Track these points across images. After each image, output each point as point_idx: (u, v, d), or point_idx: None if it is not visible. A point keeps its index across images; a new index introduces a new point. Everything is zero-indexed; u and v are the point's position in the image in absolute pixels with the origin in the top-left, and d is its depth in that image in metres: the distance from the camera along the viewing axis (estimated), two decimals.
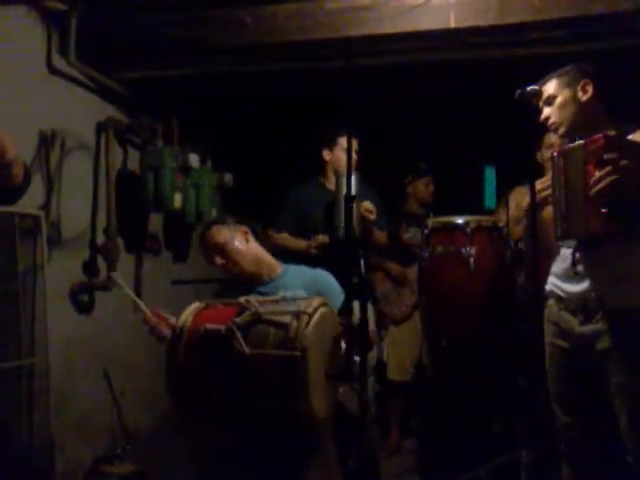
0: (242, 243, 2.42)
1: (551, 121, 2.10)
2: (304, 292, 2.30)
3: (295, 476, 2.00)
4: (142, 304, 2.26)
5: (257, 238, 2.57)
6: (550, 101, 2.10)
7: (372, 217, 3.00)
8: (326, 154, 3.25)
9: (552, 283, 2.14)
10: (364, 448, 1.70)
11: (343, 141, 3.12)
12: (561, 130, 2.10)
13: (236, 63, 3.08)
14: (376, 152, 3.29)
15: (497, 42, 2.75)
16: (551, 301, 2.15)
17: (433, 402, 3.56)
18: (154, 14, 2.97)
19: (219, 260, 2.39)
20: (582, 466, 2.10)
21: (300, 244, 3.09)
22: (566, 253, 2.07)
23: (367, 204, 2.99)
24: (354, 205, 2.62)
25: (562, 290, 2.09)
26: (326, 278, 2.39)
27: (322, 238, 3.01)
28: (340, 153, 3.17)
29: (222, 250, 2.38)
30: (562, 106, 2.08)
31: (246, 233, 2.46)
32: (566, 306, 2.07)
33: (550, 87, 2.10)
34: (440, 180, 4.05)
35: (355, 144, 3.21)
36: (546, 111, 2.12)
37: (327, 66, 2.92)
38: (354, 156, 3.19)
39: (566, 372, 2.09)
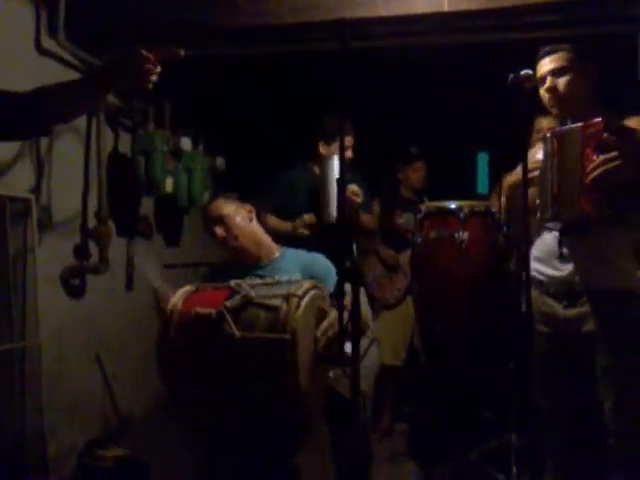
0: (245, 220, 2.46)
1: (559, 93, 2.02)
2: (300, 275, 2.31)
3: (287, 458, 2.01)
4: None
5: (259, 221, 2.59)
6: (559, 73, 2.03)
7: (358, 200, 2.99)
8: (322, 147, 3.17)
9: (533, 268, 2.11)
10: (356, 430, 1.71)
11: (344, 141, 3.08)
12: (562, 106, 2.03)
13: (227, 45, 3.05)
14: (368, 137, 3.27)
15: (491, 26, 2.74)
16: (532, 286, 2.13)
17: (425, 386, 3.58)
18: None
19: (220, 231, 2.42)
20: (563, 452, 2.11)
21: (286, 226, 3.06)
22: (548, 237, 2.06)
23: (354, 187, 2.97)
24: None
25: (544, 274, 2.08)
26: (323, 262, 2.40)
27: (309, 217, 3.00)
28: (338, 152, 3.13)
29: (224, 222, 2.42)
30: (574, 80, 2.02)
31: (250, 212, 2.51)
32: (547, 290, 2.07)
33: (561, 59, 2.04)
34: (433, 166, 4.04)
35: (351, 141, 3.17)
36: (552, 81, 2.04)
37: (320, 48, 2.89)
38: (349, 154, 3.16)
39: (549, 357, 2.10)
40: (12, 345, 2.63)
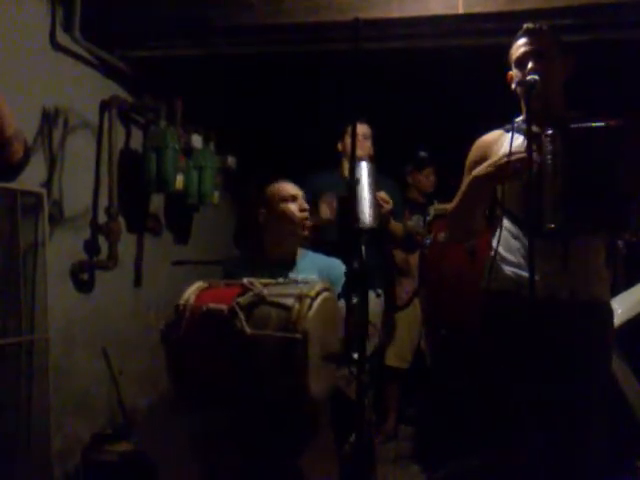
0: None
1: (543, 78, 1.82)
2: (317, 277, 2.30)
3: (292, 459, 2.01)
4: None
5: None
6: (542, 56, 1.88)
7: (387, 207, 2.97)
8: (339, 145, 3.26)
9: (513, 272, 1.97)
10: (361, 433, 1.71)
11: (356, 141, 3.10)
12: (541, 95, 1.83)
13: (242, 44, 3.05)
14: (379, 138, 3.27)
15: (505, 29, 2.72)
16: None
17: (430, 389, 3.57)
18: None
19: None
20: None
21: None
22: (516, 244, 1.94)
23: (383, 194, 2.96)
24: (370, 193, 2.56)
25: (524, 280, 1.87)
26: (340, 267, 2.38)
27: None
28: (348, 139, 3.15)
29: (298, 200, 2.44)
30: (559, 70, 1.91)
31: None
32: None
33: (545, 41, 1.91)
34: (443, 168, 4.03)
35: (369, 131, 3.19)
36: (536, 64, 1.86)
37: (334, 49, 2.89)
38: (369, 144, 3.18)
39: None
40: (20, 338, 2.64)
